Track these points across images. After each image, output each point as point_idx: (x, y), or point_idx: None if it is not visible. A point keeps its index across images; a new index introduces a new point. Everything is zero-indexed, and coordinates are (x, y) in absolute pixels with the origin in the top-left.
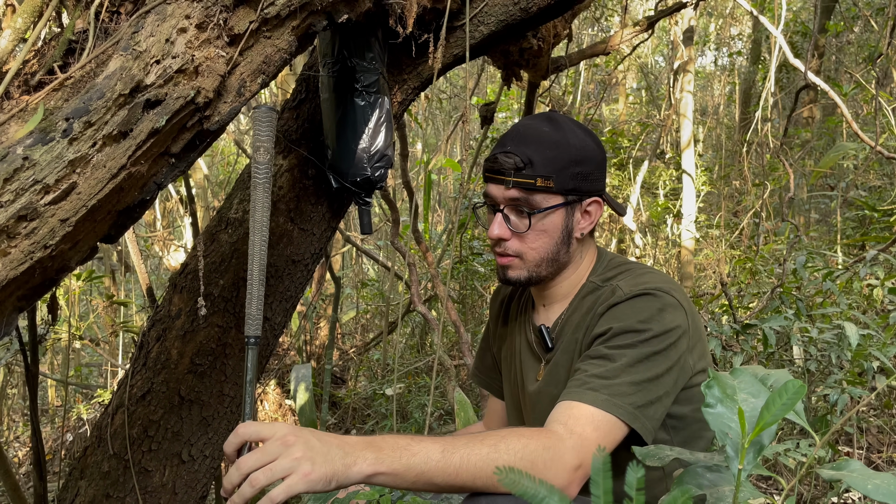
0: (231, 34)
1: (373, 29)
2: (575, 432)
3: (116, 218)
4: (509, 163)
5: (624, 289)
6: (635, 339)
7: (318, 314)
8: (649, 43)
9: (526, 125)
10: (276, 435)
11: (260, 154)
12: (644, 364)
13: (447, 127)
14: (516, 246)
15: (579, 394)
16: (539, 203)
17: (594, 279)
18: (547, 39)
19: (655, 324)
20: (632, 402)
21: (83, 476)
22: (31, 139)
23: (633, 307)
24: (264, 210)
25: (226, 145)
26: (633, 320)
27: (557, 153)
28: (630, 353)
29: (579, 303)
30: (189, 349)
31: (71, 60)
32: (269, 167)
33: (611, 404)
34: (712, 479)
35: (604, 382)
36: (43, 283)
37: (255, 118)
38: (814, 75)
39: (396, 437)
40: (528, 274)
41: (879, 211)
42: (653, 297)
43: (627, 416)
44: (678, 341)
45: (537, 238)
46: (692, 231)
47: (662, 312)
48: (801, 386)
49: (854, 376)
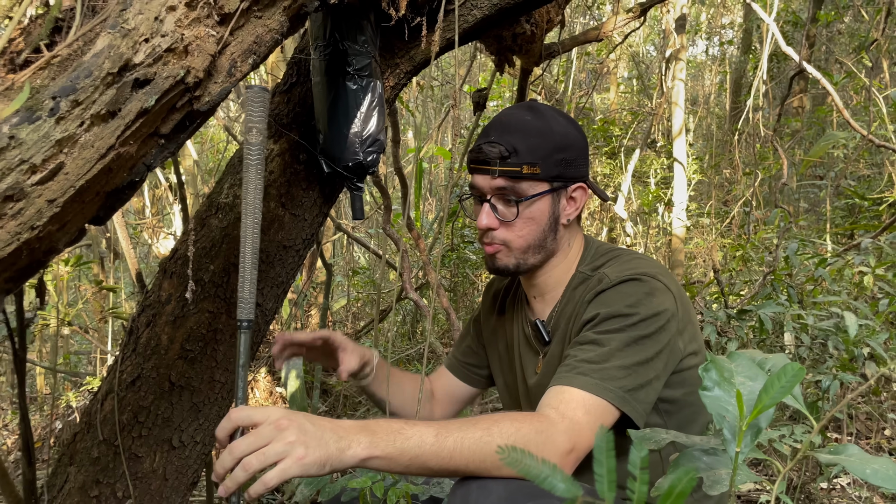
0: (221, 13)
1: (365, 12)
2: (566, 416)
3: (105, 199)
4: (494, 152)
5: (611, 275)
6: (623, 323)
7: (308, 302)
8: (641, 32)
9: (508, 115)
10: (269, 419)
11: (252, 135)
12: (633, 348)
13: (438, 115)
14: (503, 234)
15: (569, 378)
16: (525, 191)
17: (583, 269)
18: (540, 25)
19: (643, 308)
20: (622, 386)
21: (72, 462)
22: (17, 118)
23: (620, 292)
24: (256, 192)
25: (215, 132)
26: (621, 305)
27: (541, 140)
28: (619, 337)
29: (571, 294)
30: (179, 335)
31: (58, 39)
32: (261, 149)
33: (601, 388)
34: (709, 462)
35: (593, 367)
36: (30, 265)
37: (248, 98)
38: (806, 64)
39: (390, 421)
40: (515, 261)
41: (869, 200)
42: (639, 282)
43: (618, 400)
44: (667, 324)
45: (525, 226)
46: (683, 219)
47: (650, 297)
48: (800, 369)
49: (845, 362)
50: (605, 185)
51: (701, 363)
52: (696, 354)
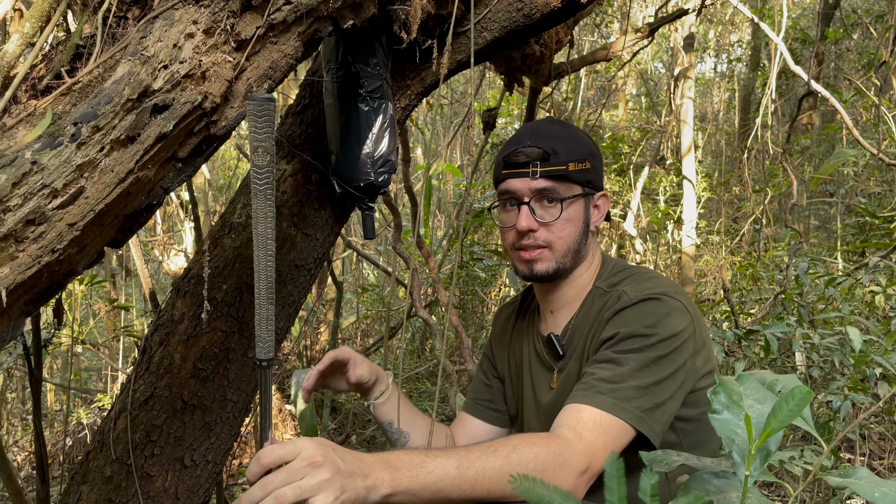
0: (238, 40)
1: (377, 35)
2: (583, 437)
3: (123, 222)
4: (535, 153)
5: (630, 294)
6: (642, 343)
7: (318, 319)
8: (649, 49)
9: (536, 125)
10: (302, 455)
11: (259, 156)
12: (651, 368)
13: (448, 132)
14: (545, 235)
15: (587, 397)
16: (566, 191)
17: (600, 284)
18: (549, 45)
19: (661, 328)
20: (638, 406)
21: (85, 481)
22: (40, 143)
23: (640, 312)
24: (267, 221)
25: (227, 150)
26: (640, 325)
27: (576, 144)
28: (637, 357)
29: (587, 309)
30: (192, 354)
31: (78, 65)
32: (270, 171)
33: (618, 408)
34: (719, 485)
35: (611, 386)
36: (50, 288)
37: (250, 111)
38: (815, 82)
39: (412, 453)
40: (555, 265)
41: (880, 217)
42: (659, 301)
43: (634, 420)
44: (684, 345)
45: (564, 227)
46: (693, 237)
47: (668, 317)
48: (808, 392)
49: (856, 383)
50: (615, 203)
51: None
52: (711, 374)
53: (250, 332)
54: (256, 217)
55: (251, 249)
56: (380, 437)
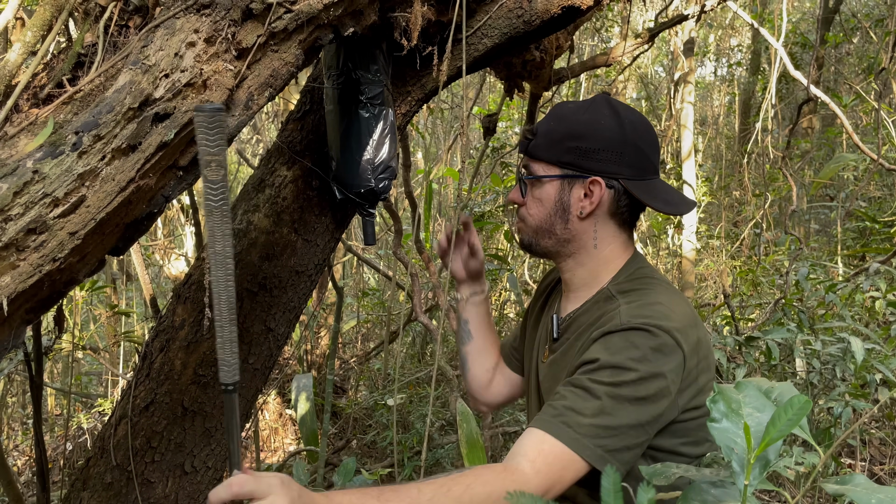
0: (239, 48)
1: (377, 41)
2: (540, 472)
3: (124, 230)
4: (528, 132)
5: (623, 317)
6: (622, 378)
7: (318, 323)
8: (649, 53)
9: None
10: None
11: (212, 170)
12: (624, 408)
13: (448, 137)
14: (522, 211)
15: (552, 425)
16: (535, 171)
17: (612, 287)
18: (549, 51)
19: (645, 365)
20: (603, 445)
21: (85, 487)
22: (41, 152)
23: (627, 341)
24: (225, 239)
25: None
26: (624, 356)
27: (556, 126)
28: (613, 392)
29: (591, 306)
30: (192, 360)
31: (80, 74)
32: (224, 186)
33: (581, 445)
34: (717, 494)
35: (579, 420)
36: (51, 296)
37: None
38: (815, 87)
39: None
40: (529, 239)
41: (880, 222)
42: (649, 333)
43: (596, 460)
44: (666, 388)
45: (533, 205)
46: (693, 241)
47: (656, 353)
48: (807, 401)
49: (857, 388)
50: None
51: (701, 417)
52: (698, 409)
53: (250, 338)
54: (213, 235)
55: (251, 255)
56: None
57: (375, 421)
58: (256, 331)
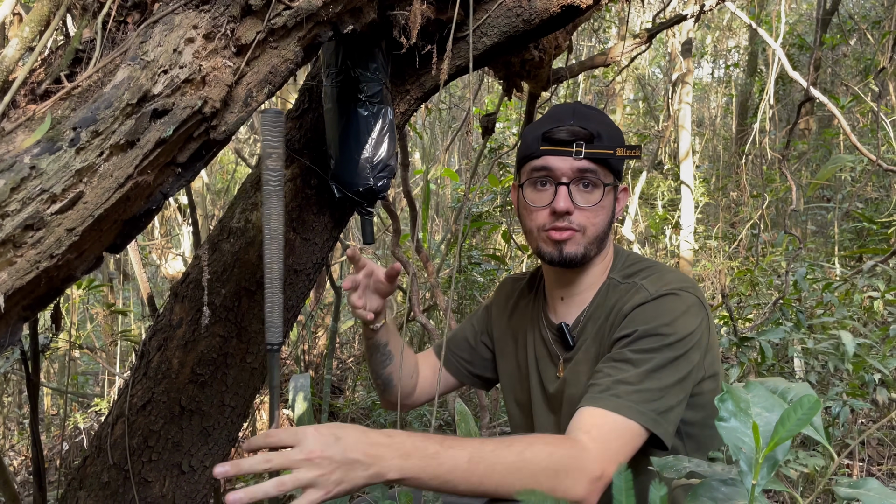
0: (238, 44)
1: (376, 40)
2: (598, 441)
3: (122, 227)
4: (581, 133)
5: (649, 288)
6: (660, 342)
7: (316, 323)
8: (647, 54)
9: (574, 105)
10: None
11: (272, 160)
12: (667, 369)
13: (446, 137)
14: (580, 219)
15: (603, 400)
16: (605, 178)
17: (615, 276)
18: (548, 51)
19: (680, 326)
20: (654, 409)
21: (82, 486)
22: (39, 148)
23: (658, 309)
24: (279, 218)
25: (225, 154)
26: (658, 323)
27: (617, 132)
28: (654, 357)
29: (602, 300)
30: (190, 359)
31: (78, 70)
32: (281, 174)
33: (634, 411)
34: (727, 492)
35: (627, 388)
36: (48, 293)
37: (264, 123)
38: (813, 88)
39: (427, 440)
40: (583, 251)
41: (877, 223)
42: (677, 297)
43: (651, 423)
44: (698, 343)
45: (598, 213)
46: (691, 242)
47: (685, 314)
48: (817, 401)
49: (855, 388)
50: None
51: (717, 387)
52: (715, 377)
53: (248, 337)
54: (269, 214)
55: (250, 254)
56: None
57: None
58: (254, 330)
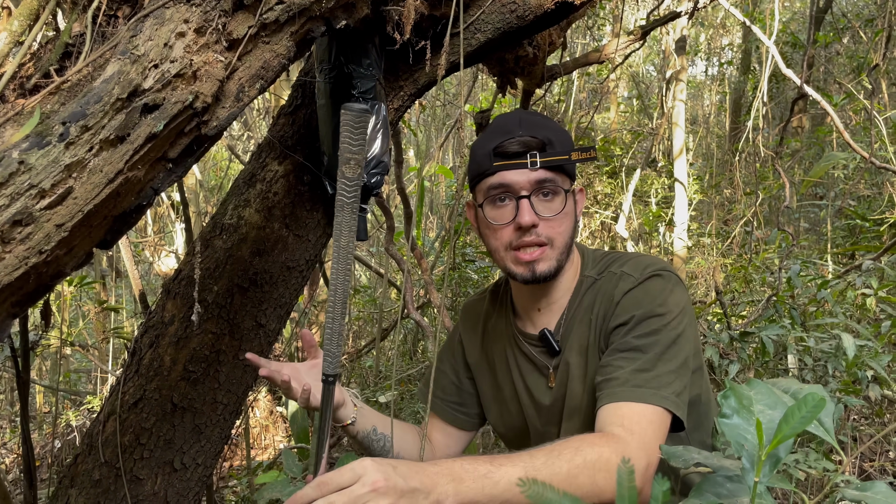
0: (230, 39)
1: (370, 35)
2: (635, 432)
3: (112, 223)
4: (533, 142)
5: (633, 274)
6: (660, 323)
7: (309, 320)
8: (641, 52)
9: (520, 114)
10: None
11: (350, 168)
12: (673, 349)
13: (440, 134)
14: (546, 231)
15: (625, 393)
16: (563, 184)
17: (588, 273)
18: (542, 47)
19: (672, 304)
20: (673, 391)
21: (73, 484)
22: (28, 143)
23: (648, 291)
24: (350, 235)
25: (218, 150)
26: (652, 305)
27: (566, 136)
28: (658, 339)
29: (580, 300)
30: (182, 356)
31: (67, 64)
32: (358, 184)
33: (658, 397)
34: (732, 489)
35: (645, 377)
36: (37, 289)
37: (345, 122)
38: (806, 86)
39: (476, 462)
40: (556, 264)
41: (870, 220)
42: (661, 277)
43: (673, 406)
44: (691, 317)
45: (563, 221)
46: (684, 239)
47: (674, 293)
48: (822, 399)
49: (848, 385)
50: (607, 205)
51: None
52: (698, 356)
53: (241, 334)
54: (340, 230)
55: (242, 251)
56: None
57: None
58: (247, 326)
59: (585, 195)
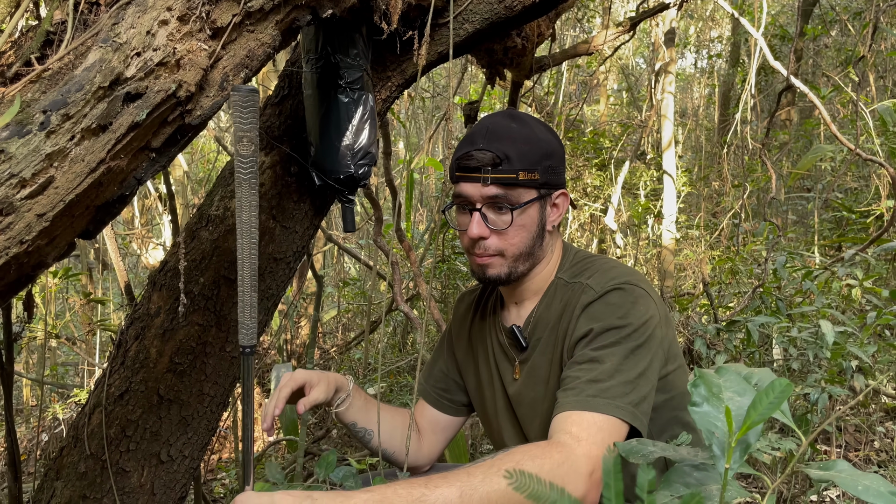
0: (214, 27)
1: (357, 25)
2: (582, 439)
3: (95, 213)
4: (486, 158)
5: (595, 287)
6: (618, 335)
7: (298, 313)
8: (630, 44)
9: (492, 122)
10: None
11: (243, 145)
12: (631, 360)
13: (429, 126)
14: (496, 243)
15: (577, 402)
16: (518, 198)
17: (562, 275)
18: (531, 39)
19: (633, 317)
20: (630, 401)
21: (59, 477)
22: (7, 132)
23: (608, 304)
24: (251, 209)
25: (206, 142)
26: (612, 317)
27: (530, 147)
28: (616, 350)
29: (550, 300)
30: (168, 348)
31: (49, 52)
32: (254, 160)
33: (612, 407)
34: (699, 477)
35: (599, 387)
36: (18, 280)
37: (234, 102)
38: (794, 78)
39: (411, 485)
40: (507, 271)
41: (856, 212)
42: (623, 291)
43: (628, 416)
44: (655, 330)
45: (517, 234)
46: (673, 231)
47: (636, 305)
48: (788, 385)
49: (833, 375)
50: (595, 197)
51: (677, 369)
52: (675, 359)
53: (228, 325)
54: (240, 205)
55: (229, 242)
56: None
57: None
58: (234, 318)
59: (569, 199)
